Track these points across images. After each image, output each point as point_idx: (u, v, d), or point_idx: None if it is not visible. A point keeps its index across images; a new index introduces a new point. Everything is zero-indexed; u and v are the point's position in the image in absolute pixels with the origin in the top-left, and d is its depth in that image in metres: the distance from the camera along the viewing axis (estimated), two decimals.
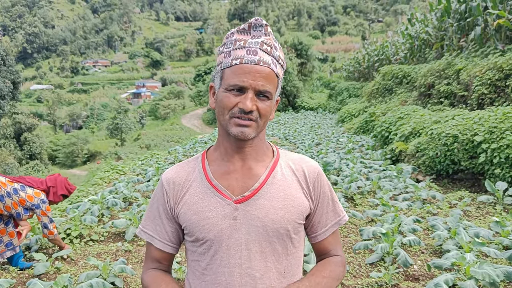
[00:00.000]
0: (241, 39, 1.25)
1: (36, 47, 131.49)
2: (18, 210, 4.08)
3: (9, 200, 3.99)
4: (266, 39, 1.26)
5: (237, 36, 1.27)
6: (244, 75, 1.21)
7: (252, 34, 1.26)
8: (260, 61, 1.22)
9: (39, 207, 4.14)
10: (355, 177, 7.28)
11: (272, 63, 1.24)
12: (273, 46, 1.26)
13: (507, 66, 9.08)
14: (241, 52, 1.23)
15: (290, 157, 1.39)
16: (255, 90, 1.21)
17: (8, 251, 4.17)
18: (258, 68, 1.21)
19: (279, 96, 1.35)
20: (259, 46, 1.23)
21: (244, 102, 1.20)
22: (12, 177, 4.20)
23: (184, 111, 51.09)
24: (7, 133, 34.63)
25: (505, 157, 6.08)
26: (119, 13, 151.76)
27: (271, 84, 1.24)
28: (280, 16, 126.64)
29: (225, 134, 1.30)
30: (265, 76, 1.22)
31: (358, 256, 4.32)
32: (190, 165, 1.38)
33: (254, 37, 1.25)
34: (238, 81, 1.21)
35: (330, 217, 1.41)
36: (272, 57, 1.25)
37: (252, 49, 1.23)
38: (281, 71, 1.29)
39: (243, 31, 1.27)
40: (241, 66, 1.22)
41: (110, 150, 37.77)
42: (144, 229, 1.41)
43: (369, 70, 28.87)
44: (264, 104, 1.23)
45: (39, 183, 4.29)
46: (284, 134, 16.74)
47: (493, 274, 3.07)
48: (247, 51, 1.23)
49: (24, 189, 4.12)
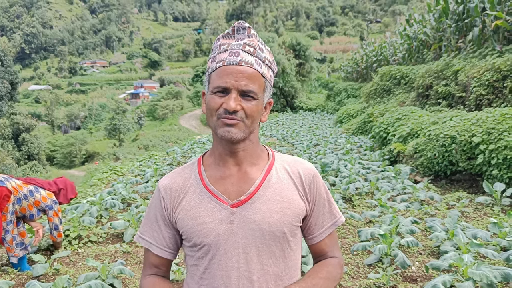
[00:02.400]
0: (225, 43, 1.28)
1: (34, 47, 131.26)
2: (32, 211, 4.16)
3: (25, 202, 4.07)
4: (249, 40, 1.28)
5: (222, 41, 1.30)
6: (227, 76, 1.23)
7: (236, 37, 1.29)
8: (242, 61, 1.24)
9: (52, 208, 4.23)
10: (353, 178, 7.29)
11: (256, 63, 1.26)
12: (257, 47, 1.28)
13: (505, 67, 9.11)
14: (224, 55, 1.26)
15: (285, 160, 1.40)
16: (238, 90, 1.22)
17: (20, 251, 4.17)
18: (240, 68, 1.23)
19: (271, 98, 1.36)
20: (241, 47, 1.26)
21: (227, 102, 1.22)
22: (24, 179, 4.27)
23: (182, 111, 51.08)
24: (5, 133, 34.59)
25: (503, 158, 6.10)
26: (117, 14, 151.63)
27: (256, 84, 1.25)
28: (278, 16, 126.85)
29: (217, 138, 1.31)
30: (248, 76, 1.23)
31: (356, 257, 4.33)
32: (186, 171, 1.40)
33: (237, 40, 1.28)
34: (221, 82, 1.23)
35: (326, 219, 1.42)
36: (256, 57, 1.27)
37: (234, 51, 1.25)
38: (268, 72, 1.30)
39: (228, 36, 1.30)
40: (223, 68, 1.24)
41: (108, 150, 37.74)
42: (142, 236, 1.42)
43: (367, 70, 28.91)
44: (250, 104, 1.24)
45: (49, 185, 4.37)
46: (282, 135, 16.75)
47: (490, 275, 3.08)
48: (229, 53, 1.25)
49: (38, 190, 4.20)
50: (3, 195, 3.85)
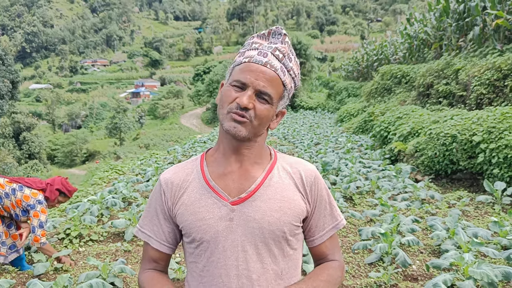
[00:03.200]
0: (257, 42, 1.30)
1: (35, 46, 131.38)
2: (16, 211, 4.05)
3: (7, 201, 3.96)
4: (281, 46, 1.28)
5: (256, 40, 1.31)
6: (249, 72, 1.23)
7: (270, 40, 1.30)
8: (267, 63, 1.24)
9: (34, 208, 4.01)
10: (354, 177, 7.29)
11: (281, 70, 1.26)
12: (287, 55, 1.28)
13: (505, 66, 9.10)
14: (253, 53, 1.27)
15: (287, 160, 1.40)
16: (255, 89, 1.22)
17: (12, 253, 4.15)
18: (264, 69, 1.23)
19: (285, 108, 1.37)
20: (271, 50, 1.26)
21: (241, 98, 1.22)
22: (11, 178, 4.15)
23: (183, 110, 51.14)
24: (6, 132, 34.61)
25: (504, 157, 6.10)
26: (118, 13, 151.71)
27: (274, 88, 1.25)
28: (279, 15, 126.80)
29: (222, 131, 1.32)
30: (269, 79, 1.23)
31: (357, 256, 4.33)
32: (189, 166, 1.40)
33: (270, 43, 1.29)
34: (241, 77, 1.24)
35: (327, 221, 1.41)
36: (283, 64, 1.27)
37: (263, 51, 1.26)
38: (290, 82, 1.30)
39: (263, 36, 1.31)
40: (248, 64, 1.25)
41: (109, 149, 37.76)
42: (142, 229, 1.42)
43: (368, 69, 28.88)
44: (262, 106, 1.24)
45: (38, 183, 4.20)
46: (283, 134, 16.75)
47: (491, 274, 3.08)
48: (258, 52, 1.26)
49: (22, 189, 4.04)
50: None
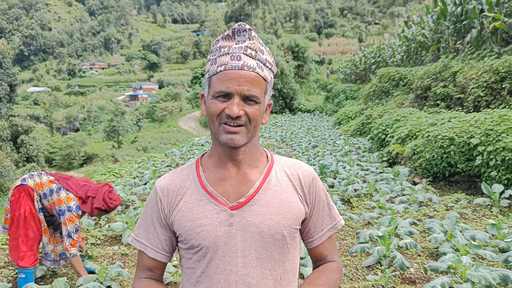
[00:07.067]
0: (225, 46, 1.25)
1: (33, 49, 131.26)
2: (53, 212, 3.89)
3: (45, 202, 3.83)
4: (250, 43, 1.25)
5: (222, 43, 1.26)
6: (229, 81, 1.20)
7: (237, 40, 1.26)
8: (244, 66, 1.21)
9: (63, 214, 3.75)
10: (352, 180, 7.29)
11: (258, 67, 1.24)
12: (259, 50, 1.25)
13: (503, 69, 9.12)
14: (226, 59, 1.23)
15: (284, 162, 1.38)
16: (241, 95, 1.21)
17: (61, 260, 4.11)
18: (243, 73, 1.21)
19: (271, 99, 1.35)
20: (242, 51, 1.23)
21: (230, 108, 1.20)
22: (58, 176, 3.97)
23: (181, 113, 51.08)
24: (4, 135, 34.47)
25: (501, 159, 6.10)
26: (116, 16, 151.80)
27: (258, 88, 1.23)
28: (277, 18, 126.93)
29: (217, 141, 1.30)
30: (251, 81, 1.21)
31: (355, 259, 4.33)
32: (184, 172, 1.38)
33: (238, 42, 1.25)
34: (223, 87, 1.21)
35: (326, 222, 1.40)
36: (258, 60, 1.24)
37: (235, 55, 1.22)
38: (269, 74, 1.29)
39: (228, 37, 1.27)
40: (225, 72, 1.21)
41: (107, 152, 37.64)
42: (137, 238, 1.39)
43: (366, 72, 28.92)
44: (253, 108, 1.22)
45: (80, 188, 3.90)
46: (281, 137, 16.75)
47: (489, 277, 3.08)
48: (231, 57, 1.22)
49: (59, 191, 3.80)
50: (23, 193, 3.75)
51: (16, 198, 3.75)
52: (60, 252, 4.10)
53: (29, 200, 3.76)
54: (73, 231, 3.76)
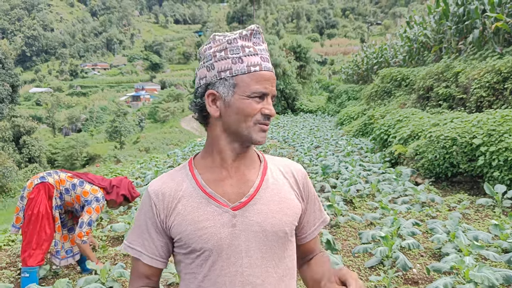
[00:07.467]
0: (247, 46, 1.24)
1: (35, 50, 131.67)
2: (75, 206, 3.97)
3: (68, 197, 3.89)
4: (265, 46, 1.29)
5: (242, 42, 1.25)
6: (266, 81, 1.24)
7: (253, 41, 1.26)
8: (271, 68, 1.27)
9: (89, 203, 3.88)
10: (354, 180, 7.28)
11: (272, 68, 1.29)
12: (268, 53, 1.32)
13: (505, 69, 9.10)
14: (256, 59, 1.23)
15: (276, 162, 1.41)
16: (272, 95, 1.26)
17: (68, 258, 4.12)
18: (272, 74, 1.26)
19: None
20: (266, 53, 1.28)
21: (269, 108, 1.24)
22: (74, 173, 4.07)
23: (183, 114, 51.14)
24: (6, 136, 34.56)
25: (504, 159, 6.09)
26: (118, 16, 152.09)
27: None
28: (279, 19, 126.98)
29: (231, 141, 1.28)
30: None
31: (357, 259, 4.32)
32: (178, 175, 1.34)
33: (256, 44, 1.26)
34: (262, 88, 1.22)
35: (317, 216, 1.45)
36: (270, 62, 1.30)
37: (264, 57, 1.26)
38: None
39: (246, 38, 1.26)
40: (261, 73, 1.23)
41: (109, 153, 37.71)
42: (131, 245, 1.34)
43: (368, 72, 28.88)
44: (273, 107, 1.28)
45: (101, 180, 4.08)
46: (283, 137, 16.73)
47: (492, 277, 3.07)
48: (261, 58, 1.25)
49: (82, 184, 3.93)
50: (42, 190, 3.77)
51: (35, 196, 3.76)
52: (67, 249, 4.12)
53: (46, 199, 3.79)
54: (94, 220, 3.93)
